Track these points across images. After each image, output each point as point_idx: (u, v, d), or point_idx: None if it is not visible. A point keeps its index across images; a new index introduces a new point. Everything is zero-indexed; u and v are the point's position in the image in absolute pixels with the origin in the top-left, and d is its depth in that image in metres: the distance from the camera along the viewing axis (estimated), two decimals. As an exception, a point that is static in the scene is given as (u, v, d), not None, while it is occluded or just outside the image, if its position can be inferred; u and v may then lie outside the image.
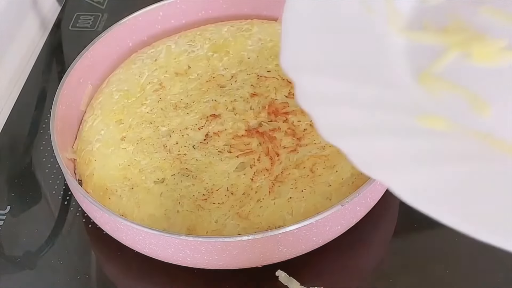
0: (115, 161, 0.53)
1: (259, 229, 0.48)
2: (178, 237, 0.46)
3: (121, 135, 0.55)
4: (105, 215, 0.48)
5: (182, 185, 0.51)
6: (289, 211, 0.49)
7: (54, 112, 0.54)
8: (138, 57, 0.61)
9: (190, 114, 0.56)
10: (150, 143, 0.54)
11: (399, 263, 0.51)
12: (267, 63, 0.59)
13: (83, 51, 0.59)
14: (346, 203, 0.47)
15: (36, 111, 0.64)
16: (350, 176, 0.50)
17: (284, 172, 0.51)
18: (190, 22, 0.65)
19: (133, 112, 0.56)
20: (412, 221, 0.53)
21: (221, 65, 0.60)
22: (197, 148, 0.53)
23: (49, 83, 0.67)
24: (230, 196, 0.50)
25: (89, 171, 0.53)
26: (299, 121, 0.54)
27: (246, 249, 0.46)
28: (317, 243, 0.49)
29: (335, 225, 0.49)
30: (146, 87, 0.58)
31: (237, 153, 0.53)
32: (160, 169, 0.52)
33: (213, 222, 0.49)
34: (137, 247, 0.49)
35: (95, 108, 0.57)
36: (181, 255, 0.47)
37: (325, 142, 0.52)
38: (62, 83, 0.56)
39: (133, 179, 0.52)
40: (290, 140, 0.53)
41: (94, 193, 0.52)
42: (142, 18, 0.63)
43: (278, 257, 0.48)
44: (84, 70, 0.59)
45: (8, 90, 0.69)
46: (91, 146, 0.54)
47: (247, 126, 0.54)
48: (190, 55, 0.61)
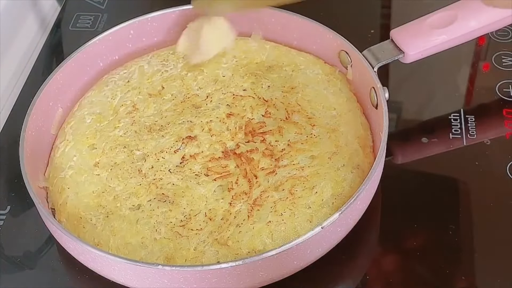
0: (88, 188, 0.52)
1: (238, 255, 0.47)
2: (155, 267, 0.45)
3: (94, 161, 0.53)
4: (78, 246, 0.47)
5: (159, 211, 0.50)
6: (269, 235, 0.48)
7: (23, 138, 0.52)
8: (110, 78, 0.60)
9: (165, 136, 0.54)
10: (124, 168, 0.53)
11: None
12: (243, 81, 0.58)
13: (52, 73, 0.57)
14: (326, 225, 0.46)
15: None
16: (330, 197, 0.50)
17: (262, 195, 0.50)
18: (162, 40, 0.64)
19: (106, 136, 0.55)
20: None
21: (196, 85, 0.59)
22: (173, 172, 0.52)
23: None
24: (208, 221, 0.49)
25: (62, 199, 0.51)
26: (277, 141, 0.53)
27: (226, 277, 0.45)
28: (298, 266, 0.48)
29: (316, 248, 0.48)
30: (119, 109, 0.57)
31: (215, 176, 0.51)
32: (136, 195, 0.51)
33: (191, 250, 0.48)
34: (113, 277, 0.48)
35: (66, 133, 0.56)
36: (159, 285, 0.46)
37: (304, 162, 0.52)
38: (31, 107, 0.54)
39: (108, 207, 0.50)
40: (268, 161, 0.52)
41: (68, 222, 0.51)
42: (113, 37, 0.61)
43: (259, 283, 0.47)
44: (54, 93, 0.57)
45: (8, 90, 0.68)
46: (63, 173, 0.53)
47: (224, 148, 0.53)
48: (164, 75, 0.59)
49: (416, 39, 0.56)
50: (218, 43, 0.57)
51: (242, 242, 0.48)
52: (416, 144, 0.59)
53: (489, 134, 0.59)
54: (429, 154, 0.59)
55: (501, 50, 0.67)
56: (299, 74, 0.59)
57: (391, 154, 0.58)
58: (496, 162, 0.57)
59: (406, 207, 0.55)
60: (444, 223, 0.53)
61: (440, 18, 0.57)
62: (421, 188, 0.56)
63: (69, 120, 0.57)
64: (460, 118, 0.61)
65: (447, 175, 0.57)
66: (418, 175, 0.57)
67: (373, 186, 0.51)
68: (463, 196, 0.55)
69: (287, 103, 0.56)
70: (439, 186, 0.56)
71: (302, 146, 0.53)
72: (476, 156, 0.57)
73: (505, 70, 0.65)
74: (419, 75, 0.65)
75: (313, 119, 0.55)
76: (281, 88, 0.58)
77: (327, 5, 0.72)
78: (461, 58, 0.67)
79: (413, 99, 0.65)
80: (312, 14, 0.61)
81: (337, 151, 0.53)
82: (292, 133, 0.54)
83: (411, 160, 0.59)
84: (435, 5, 0.59)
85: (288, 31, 0.62)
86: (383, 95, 0.53)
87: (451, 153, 0.58)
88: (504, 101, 0.62)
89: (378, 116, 0.54)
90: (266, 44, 0.62)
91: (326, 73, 0.59)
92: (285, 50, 0.61)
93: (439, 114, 0.62)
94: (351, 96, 0.58)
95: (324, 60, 0.61)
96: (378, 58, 0.56)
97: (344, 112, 0.56)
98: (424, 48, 0.56)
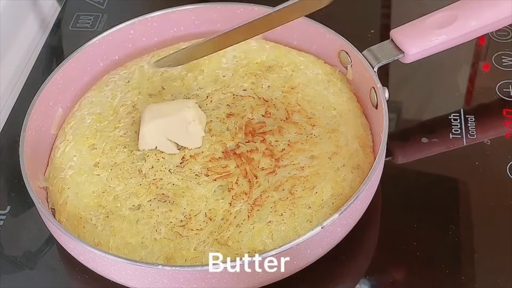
0: (88, 188, 0.52)
1: (238, 255, 0.47)
2: (155, 267, 0.44)
3: (94, 161, 0.53)
4: (78, 246, 0.47)
5: (159, 211, 0.50)
6: (269, 235, 0.48)
7: (23, 138, 0.52)
8: (110, 78, 0.60)
9: (165, 136, 0.54)
10: (124, 168, 0.53)
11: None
12: (243, 81, 0.58)
13: (52, 73, 0.57)
14: (326, 225, 0.46)
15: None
16: (330, 197, 0.50)
17: (263, 195, 0.50)
18: (162, 40, 0.64)
19: (106, 136, 0.55)
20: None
21: (196, 85, 0.59)
22: (173, 172, 0.52)
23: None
24: (208, 222, 0.49)
25: (62, 199, 0.51)
26: (277, 141, 0.53)
27: (226, 277, 0.45)
28: (298, 266, 0.48)
29: (316, 248, 0.48)
30: (119, 109, 0.57)
31: (215, 177, 0.51)
32: (136, 195, 0.51)
33: (192, 250, 0.48)
34: (113, 277, 0.48)
35: (66, 133, 0.56)
36: (159, 285, 0.46)
37: (304, 162, 0.52)
38: (31, 107, 0.54)
39: (108, 207, 0.50)
40: (268, 161, 0.52)
41: (68, 222, 0.51)
42: (113, 37, 0.61)
43: (259, 283, 0.47)
44: (54, 93, 0.57)
45: (8, 90, 0.69)
46: (63, 173, 0.53)
47: (224, 148, 0.53)
48: (164, 75, 0.59)
49: (416, 39, 0.56)
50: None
51: (242, 242, 0.48)
52: (416, 144, 0.59)
53: (489, 134, 0.59)
54: (429, 154, 0.59)
55: (501, 50, 0.67)
56: (299, 74, 0.59)
57: (391, 154, 0.58)
58: (496, 162, 0.57)
59: (406, 207, 0.55)
60: (444, 223, 0.53)
61: (440, 18, 0.57)
62: (421, 188, 0.56)
63: (69, 120, 0.57)
64: (460, 118, 0.61)
65: (447, 175, 0.57)
66: (418, 175, 0.57)
67: (373, 186, 0.51)
68: (463, 196, 0.55)
69: (287, 103, 0.56)
70: (439, 186, 0.56)
71: (302, 146, 0.53)
72: (476, 156, 0.57)
73: (505, 70, 0.65)
74: (419, 75, 0.65)
75: (313, 119, 0.55)
76: (281, 88, 0.58)
77: (327, 5, 0.72)
78: (461, 58, 0.67)
79: (413, 99, 0.65)
80: (312, 14, 0.61)
81: (337, 151, 0.53)
82: (292, 133, 0.54)
83: (411, 160, 0.59)
84: (435, 5, 0.59)
85: (288, 31, 0.62)
86: (383, 95, 0.53)
87: (451, 153, 0.58)
88: (504, 101, 0.62)
89: (378, 116, 0.53)
90: (266, 44, 0.62)
91: (326, 73, 0.59)
92: (285, 50, 0.61)
93: (439, 114, 0.62)
94: (351, 96, 0.58)
95: (324, 60, 0.61)
96: (378, 58, 0.56)
97: (344, 112, 0.56)
98: (424, 48, 0.56)
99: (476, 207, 0.54)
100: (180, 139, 0.53)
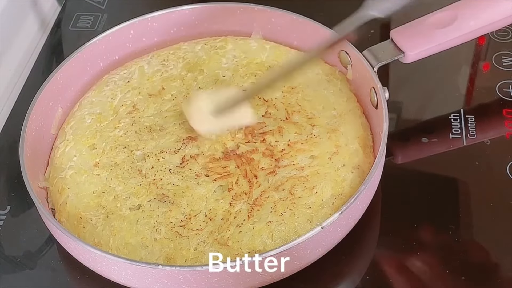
0: (88, 188, 0.52)
1: (238, 255, 0.47)
2: (155, 267, 0.45)
3: (94, 161, 0.53)
4: (78, 246, 0.47)
5: (159, 211, 0.50)
6: (269, 235, 0.48)
7: (23, 138, 0.52)
8: (110, 78, 0.60)
9: (165, 137, 0.54)
10: (124, 168, 0.53)
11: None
12: (243, 81, 0.58)
13: (52, 73, 0.57)
14: (326, 225, 0.46)
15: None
16: (330, 197, 0.50)
17: (263, 195, 0.50)
18: (162, 40, 0.64)
19: (106, 136, 0.55)
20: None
21: (196, 85, 0.59)
22: (173, 172, 0.52)
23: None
24: (208, 222, 0.49)
25: (62, 199, 0.51)
26: (277, 141, 0.53)
27: (226, 277, 0.45)
28: (298, 266, 0.48)
29: (316, 248, 0.48)
30: (119, 109, 0.57)
31: (215, 177, 0.51)
32: (136, 195, 0.51)
33: (192, 250, 0.48)
34: (113, 277, 0.48)
35: (66, 133, 0.56)
36: (159, 285, 0.46)
37: (304, 163, 0.52)
38: (31, 107, 0.54)
39: (108, 207, 0.50)
40: (268, 161, 0.52)
41: (68, 222, 0.51)
42: (113, 37, 0.61)
43: (259, 283, 0.47)
44: (54, 93, 0.57)
45: (8, 90, 0.69)
46: (63, 173, 0.53)
47: (224, 148, 0.53)
48: (164, 75, 0.59)
49: (416, 39, 0.56)
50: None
51: (242, 242, 0.48)
52: (416, 144, 0.59)
53: (489, 134, 0.59)
54: (429, 154, 0.59)
55: (501, 50, 0.67)
56: (299, 74, 0.59)
57: (391, 154, 0.58)
58: (496, 162, 0.57)
59: (406, 207, 0.55)
60: (444, 223, 0.53)
61: (440, 18, 0.57)
62: (421, 188, 0.56)
63: (69, 120, 0.57)
64: (460, 118, 0.61)
65: (447, 175, 0.57)
66: (418, 175, 0.57)
67: (373, 186, 0.51)
68: (463, 196, 0.55)
69: (287, 103, 0.56)
70: (439, 186, 0.56)
71: (302, 146, 0.53)
72: (476, 156, 0.57)
73: (505, 70, 0.65)
74: (419, 75, 0.65)
75: (313, 119, 0.55)
76: (281, 88, 0.58)
77: (327, 5, 0.72)
78: (461, 58, 0.67)
79: (413, 99, 0.65)
80: (312, 14, 0.61)
81: (337, 151, 0.53)
82: (292, 133, 0.54)
83: (411, 160, 0.59)
84: (435, 5, 0.59)
85: (288, 31, 0.62)
86: (383, 95, 0.53)
87: (451, 153, 0.58)
88: (504, 101, 0.62)
89: (378, 116, 0.54)
90: (266, 44, 0.62)
91: (326, 73, 0.59)
92: (285, 50, 0.61)
93: (439, 114, 0.62)
94: (351, 96, 0.58)
95: (324, 60, 0.61)
96: (378, 58, 0.56)
97: (344, 112, 0.56)
98: (424, 48, 0.56)
99: (476, 207, 0.54)
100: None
